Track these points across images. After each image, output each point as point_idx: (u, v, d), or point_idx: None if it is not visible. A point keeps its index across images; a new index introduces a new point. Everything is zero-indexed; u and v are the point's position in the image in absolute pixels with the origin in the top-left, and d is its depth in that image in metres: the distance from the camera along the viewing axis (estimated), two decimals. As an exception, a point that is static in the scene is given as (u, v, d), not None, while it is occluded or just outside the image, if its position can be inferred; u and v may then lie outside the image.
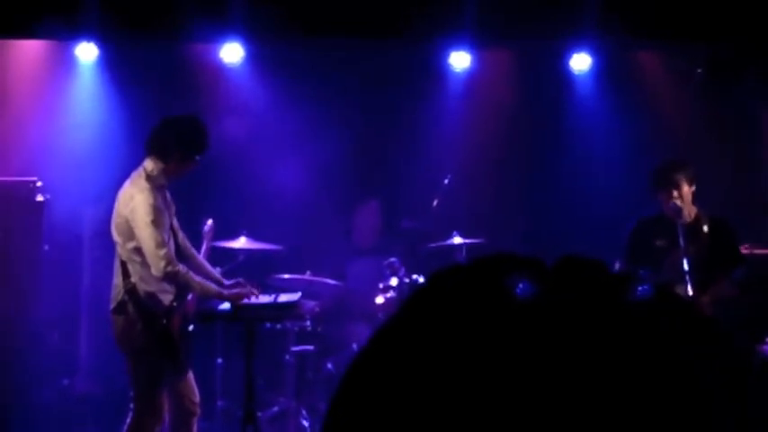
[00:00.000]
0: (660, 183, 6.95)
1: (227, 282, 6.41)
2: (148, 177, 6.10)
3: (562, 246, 8.25)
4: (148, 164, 6.16)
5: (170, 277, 5.98)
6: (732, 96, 9.05)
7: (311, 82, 8.95)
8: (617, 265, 6.96)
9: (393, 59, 8.88)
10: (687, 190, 6.88)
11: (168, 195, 6.28)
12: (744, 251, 7.54)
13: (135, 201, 6.02)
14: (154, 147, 6.20)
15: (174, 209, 6.32)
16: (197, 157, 6.25)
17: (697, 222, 6.92)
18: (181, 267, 6.04)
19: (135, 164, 6.31)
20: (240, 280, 6.44)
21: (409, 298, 1.18)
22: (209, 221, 6.89)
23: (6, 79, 8.72)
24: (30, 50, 8.77)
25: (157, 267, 5.93)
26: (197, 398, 6.31)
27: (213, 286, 6.23)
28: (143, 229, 5.96)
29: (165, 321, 6.06)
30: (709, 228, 6.91)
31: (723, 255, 6.92)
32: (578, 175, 9.26)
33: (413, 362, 1.09)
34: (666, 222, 6.85)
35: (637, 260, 6.94)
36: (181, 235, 6.40)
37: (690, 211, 6.93)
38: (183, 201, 6.61)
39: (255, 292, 6.33)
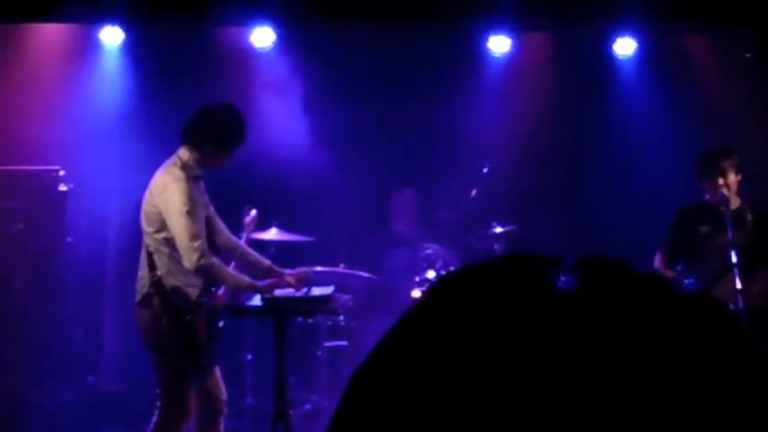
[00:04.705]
0: (706, 170, 6.83)
1: (288, 271, 6.11)
2: (183, 166, 5.84)
3: (604, 236, 8.07)
4: (183, 153, 5.90)
5: (203, 270, 5.73)
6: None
7: (344, 68, 8.77)
8: (658, 257, 6.87)
9: (430, 43, 8.68)
10: (734, 179, 6.77)
11: (203, 186, 6.01)
12: None
13: (169, 190, 5.76)
14: (189, 136, 5.94)
15: (207, 199, 6.06)
16: (233, 149, 5.96)
17: (742, 211, 6.81)
18: (215, 260, 5.79)
19: (159, 151, 6.11)
20: (305, 269, 6.20)
21: (431, 291, 1.14)
22: (253, 212, 6.60)
23: (29, 64, 8.57)
24: (53, 34, 8.59)
25: (190, 260, 5.67)
26: (224, 396, 6.10)
27: (245, 278, 5.94)
28: (177, 220, 5.70)
29: (189, 317, 5.78)
30: (753, 217, 6.81)
31: (765, 245, 6.78)
32: (621, 163, 9.11)
33: (442, 357, 1.05)
34: (710, 210, 6.76)
35: (679, 249, 6.86)
36: (221, 224, 6.17)
37: (734, 200, 6.80)
38: (212, 190, 6.34)
39: (291, 281, 6.02)
